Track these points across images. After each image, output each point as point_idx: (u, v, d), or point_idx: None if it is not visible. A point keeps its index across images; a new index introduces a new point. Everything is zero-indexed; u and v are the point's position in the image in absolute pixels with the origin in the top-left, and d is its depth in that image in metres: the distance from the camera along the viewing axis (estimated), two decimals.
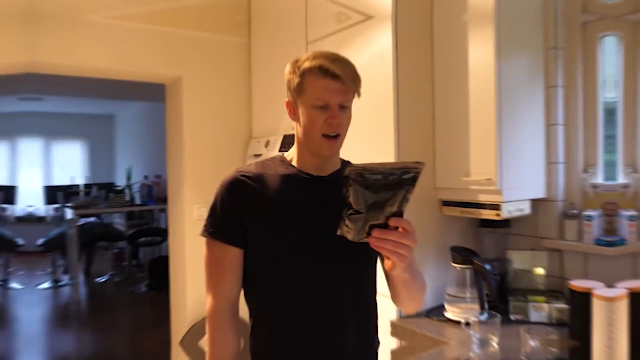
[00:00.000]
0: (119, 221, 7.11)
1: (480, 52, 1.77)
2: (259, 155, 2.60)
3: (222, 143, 2.79)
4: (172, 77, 2.80)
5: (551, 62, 1.94)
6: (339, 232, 0.90)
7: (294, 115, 1.14)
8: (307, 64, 1.08)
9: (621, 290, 1.54)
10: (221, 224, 1.13)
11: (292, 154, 1.20)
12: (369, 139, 1.94)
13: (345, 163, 1.22)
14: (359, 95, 1.14)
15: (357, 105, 1.98)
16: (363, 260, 1.16)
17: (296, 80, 1.09)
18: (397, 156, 1.83)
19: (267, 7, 2.72)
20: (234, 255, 1.13)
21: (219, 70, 2.78)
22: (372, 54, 1.93)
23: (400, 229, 0.89)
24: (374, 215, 0.88)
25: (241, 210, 1.11)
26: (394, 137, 1.83)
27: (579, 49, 1.93)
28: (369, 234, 0.89)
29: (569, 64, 1.94)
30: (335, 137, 1.10)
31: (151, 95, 5.87)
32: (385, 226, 0.89)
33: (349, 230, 0.89)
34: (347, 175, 0.83)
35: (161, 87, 3.03)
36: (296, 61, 1.11)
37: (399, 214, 0.89)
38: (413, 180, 0.86)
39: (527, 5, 1.89)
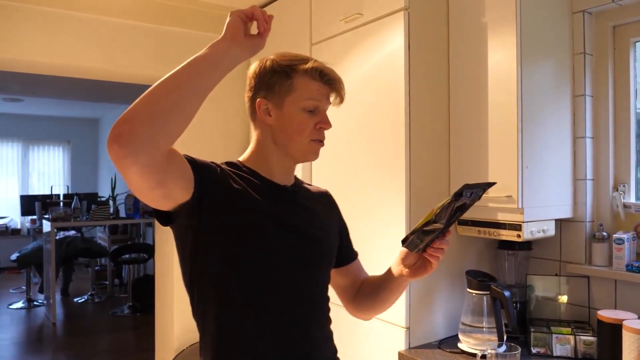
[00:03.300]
0: (101, 235, 7.13)
1: (501, 56, 1.78)
2: None
3: (217, 149, 2.81)
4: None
5: (579, 68, 1.94)
6: (405, 245, 1.16)
7: (268, 117, 1.17)
8: (303, 65, 1.15)
9: None
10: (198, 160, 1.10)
11: (250, 161, 1.22)
12: (378, 147, 1.95)
13: (299, 179, 1.31)
14: (342, 101, 1.22)
15: (366, 112, 2.01)
16: (328, 271, 1.29)
17: (284, 79, 1.14)
18: (408, 168, 1.83)
19: (268, 6, 2.75)
20: (186, 167, 1.03)
21: None
22: (383, 57, 1.94)
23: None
24: (444, 229, 1.13)
25: (222, 189, 1.09)
26: (405, 146, 1.84)
27: (610, 55, 1.93)
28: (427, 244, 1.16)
29: (599, 71, 1.95)
30: (322, 142, 1.20)
31: None
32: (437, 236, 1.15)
33: (417, 243, 1.15)
34: (459, 192, 1.06)
35: None
36: (275, 60, 1.17)
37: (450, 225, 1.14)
38: (474, 200, 1.13)
39: (552, 6, 1.90)
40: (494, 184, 1.12)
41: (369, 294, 1.35)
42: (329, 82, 1.17)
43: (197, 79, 0.95)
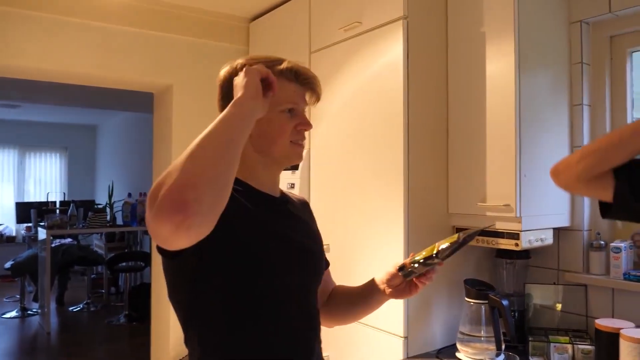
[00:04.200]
0: (97, 243, 7.14)
1: (499, 66, 1.81)
2: None
3: None
4: (162, 86, 2.86)
5: (576, 78, 1.98)
6: (401, 273, 1.24)
7: None
8: (277, 67, 1.12)
9: None
10: None
11: (240, 172, 1.11)
12: (376, 157, 1.98)
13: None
14: (318, 100, 1.22)
15: (364, 120, 2.03)
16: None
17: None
18: (406, 177, 1.86)
19: (268, 14, 2.80)
20: None
21: (214, 79, 2.84)
22: (382, 65, 1.97)
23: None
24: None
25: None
26: (403, 156, 1.86)
27: (607, 65, 1.97)
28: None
29: (596, 81, 1.98)
30: (303, 143, 1.18)
31: (138, 105, 5.97)
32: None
33: (413, 272, 1.22)
34: (463, 241, 1.18)
35: (149, 96, 3.09)
36: (247, 64, 1.11)
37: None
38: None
39: (550, 17, 1.94)
40: (488, 226, 1.25)
41: (343, 305, 1.35)
42: (305, 81, 1.16)
43: (238, 137, 0.94)
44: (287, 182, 2.38)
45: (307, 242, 1.20)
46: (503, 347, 1.77)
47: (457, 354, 1.84)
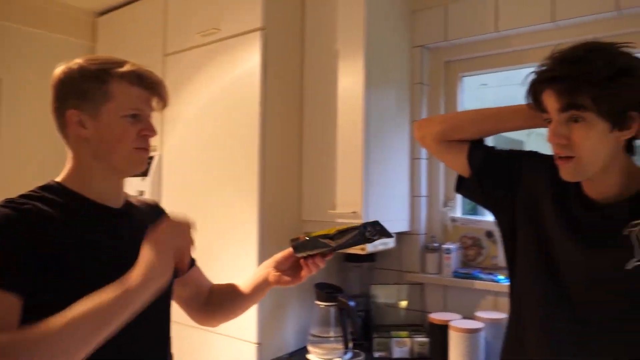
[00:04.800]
0: None
1: (350, 81, 1.94)
2: None
3: (48, 159, 2.60)
4: None
5: (417, 97, 2.20)
6: (293, 244, 1.23)
7: (82, 129, 1.04)
8: (118, 69, 1.05)
9: (476, 322, 1.77)
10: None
11: (70, 181, 1.07)
12: (232, 164, 2.00)
13: (127, 194, 1.20)
14: (165, 106, 1.15)
15: (221, 127, 2.04)
16: (168, 297, 1.20)
17: (98, 85, 1.03)
18: (261, 184, 1.91)
19: (119, 10, 2.66)
20: (11, 305, 0.90)
21: (51, 74, 2.62)
22: (239, 74, 2.00)
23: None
24: (334, 249, 1.20)
25: (28, 256, 0.92)
26: (258, 164, 1.91)
27: (442, 86, 2.21)
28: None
29: (433, 100, 2.22)
30: (147, 150, 1.11)
31: None
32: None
33: (305, 248, 1.21)
34: (368, 224, 1.14)
35: None
36: (84, 65, 1.05)
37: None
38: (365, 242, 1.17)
39: (395, 39, 2.13)
40: (392, 236, 1.21)
41: (224, 303, 1.34)
42: (150, 86, 1.08)
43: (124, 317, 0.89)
44: (136, 189, 2.27)
45: (132, 257, 1.06)
46: (350, 345, 1.89)
47: (308, 356, 1.93)
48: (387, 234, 1.17)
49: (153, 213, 1.25)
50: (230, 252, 1.98)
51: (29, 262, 0.92)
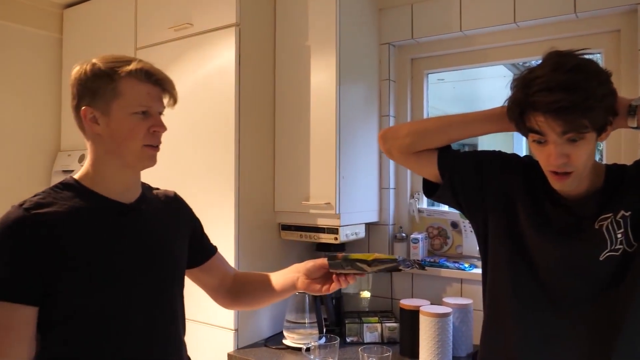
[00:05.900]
0: None
1: (322, 77, 2.03)
2: (71, 171, 2.50)
3: (19, 157, 2.60)
4: None
5: (384, 92, 2.30)
6: (329, 260, 1.29)
7: (96, 125, 1.10)
8: (126, 67, 1.09)
9: (445, 307, 1.90)
10: (9, 278, 0.99)
11: (86, 178, 1.13)
12: (208, 155, 2.05)
13: (146, 186, 1.28)
14: (175, 102, 1.22)
15: (197, 121, 2.09)
16: (180, 288, 1.27)
17: (108, 83, 1.08)
18: (237, 177, 1.98)
19: (87, 2, 2.66)
20: (26, 316, 1.00)
21: (16, 68, 2.60)
22: (214, 68, 2.06)
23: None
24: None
25: (39, 261, 0.99)
26: (234, 156, 1.97)
27: (409, 82, 2.32)
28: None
29: (400, 96, 2.33)
30: (157, 147, 1.16)
31: None
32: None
33: (339, 267, 1.28)
34: (407, 264, 1.26)
35: None
36: (96, 63, 1.10)
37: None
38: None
39: (365, 36, 2.22)
40: (424, 269, 1.33)
41: (256, 292, 1.42)
42: (158, 82, 1.13)
43: None
44: None
45: (150, 248, 1.16)
46: (324, 330, 1.99)
47: (284, 341, 2.01)
48: (422, 267, 1.30)
49: (170, 203, 1.32)
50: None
51: (40, 268, 0.99)
